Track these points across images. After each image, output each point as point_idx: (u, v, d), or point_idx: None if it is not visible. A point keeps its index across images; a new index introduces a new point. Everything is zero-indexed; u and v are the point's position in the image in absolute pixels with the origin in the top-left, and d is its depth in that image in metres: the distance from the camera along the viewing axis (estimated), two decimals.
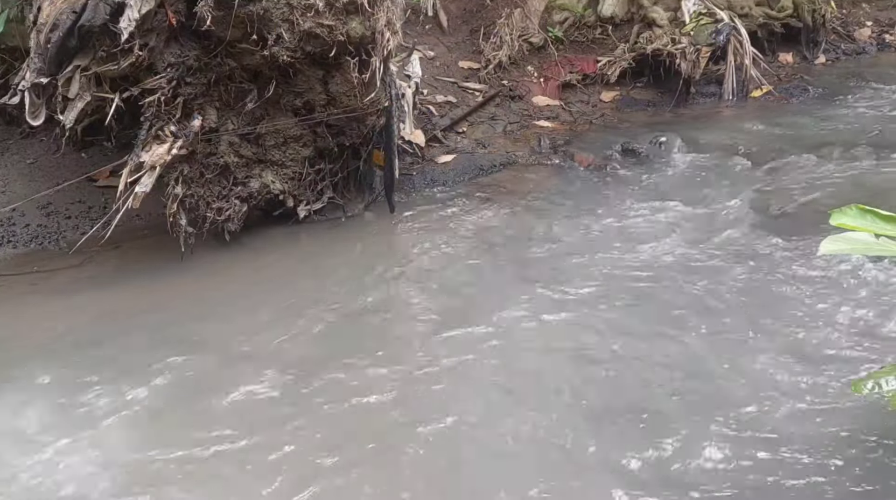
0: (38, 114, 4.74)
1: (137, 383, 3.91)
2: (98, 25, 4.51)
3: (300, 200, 5.60)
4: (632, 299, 4.50)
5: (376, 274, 4.98)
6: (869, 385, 3.07)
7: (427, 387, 3.84)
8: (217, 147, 5.15)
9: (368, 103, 5.35)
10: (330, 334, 4.34)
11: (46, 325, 4.51)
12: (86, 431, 3.59)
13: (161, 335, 4.35)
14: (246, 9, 4.70)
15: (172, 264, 5.06)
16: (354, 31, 5.00)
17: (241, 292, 4.85)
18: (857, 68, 9.01)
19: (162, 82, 4.79)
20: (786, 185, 6.02)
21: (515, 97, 7.81)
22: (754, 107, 8.01)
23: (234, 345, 4.24)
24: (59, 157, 5.93)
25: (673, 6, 8.30)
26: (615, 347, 4.07)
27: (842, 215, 2.80)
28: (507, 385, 3.83)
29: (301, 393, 3.83)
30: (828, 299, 4.33)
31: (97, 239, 5.02)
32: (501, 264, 5.03)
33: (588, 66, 8.25)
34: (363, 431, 3.56)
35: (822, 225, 3.14)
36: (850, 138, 6.82)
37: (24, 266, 5.20)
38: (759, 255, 4.90)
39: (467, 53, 8.15)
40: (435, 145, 6.89)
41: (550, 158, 6.87)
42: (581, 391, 3.75)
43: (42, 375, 4.00)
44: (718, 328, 4.16)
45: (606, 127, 7.62)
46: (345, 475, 3.30)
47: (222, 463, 3.40)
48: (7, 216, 5.56)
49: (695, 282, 4.63)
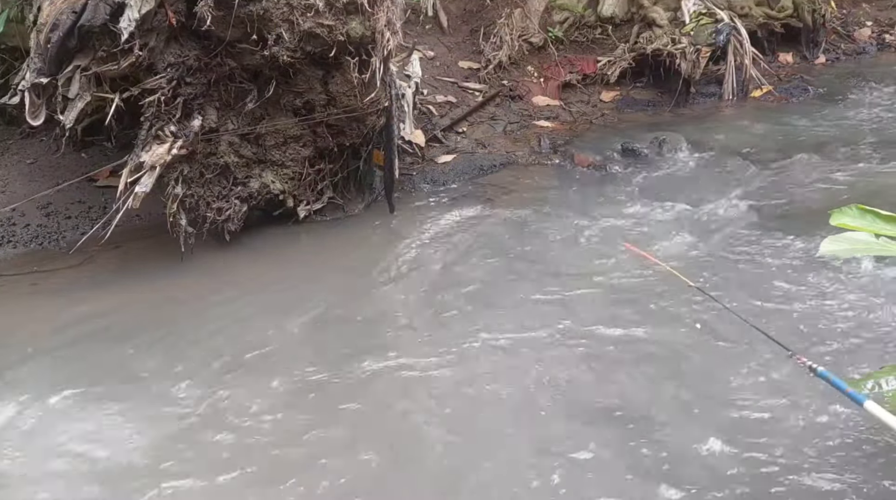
0: (38, 114, 4.74)
1: (137, 384, 3.91)
2: (98, 25, 4.52)
3: (300, 200, 5.60)
4: (631, 299, 4.50)
5: (376, 274, 4.98)
6: (869, 385, 3.07)
7: (428, 387, 3.84)
8: (217, 147, 5.15)
9: (368, 103, 5.35)
10: (330, 334, 4.34)
11: (46, 325, 4.51)
12: (85, 432, 3.59)
13: (161, 335, 4.35)
14: (246, 9, 4.70)
15: (172, 264, 5.06)
16: (354, 31, 5.00)
17: (240, 292, 4.84)
18: (857, 68, 9.01)
19: (162, 82, 4.79)
20: (786, 185, 6.02)
21: (515, 97, 7.82)
22: (754, 107, 8.01)
23: (234, 345, 4.24)
24: (59, 157, 5.93)
25: (673, 6, 8.30)
26: (615, 346, 4.07)
27: (842, 215, 2.80)
28: (508, 386, 3.83)
29: (301, 394, 3.83)
30: (828, 299, 4.33)
31: (97, 239, 5.02)
32: (501, 264, 5.03)
33: (588, 66, 8.25)
34: (364, 432, 3.57)
35: (822, 225, 3.14)
36: (850, 138, 6.82)
37: (24, 266, 5.20)
38: (759, 254, 4.90)
39: (467, 53, 8.15)
40: (435, 145, 6.89)
41: (550, 158, 6.87)
42: (582, 391, 3.75)
43: (42, 375, 4.00)
44: (718, 328, 4.15)
45: (606, 127, 7.62)
46: (351, 473, 3.30)
47: (222, 463, 3.40)
48: (7, 216, 5.56)
49: (693, 281, 4.62)
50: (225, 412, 3.71)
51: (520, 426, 3.55)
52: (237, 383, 3.91)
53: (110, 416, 3.69)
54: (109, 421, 3.66)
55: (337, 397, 3.78)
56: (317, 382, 3.91)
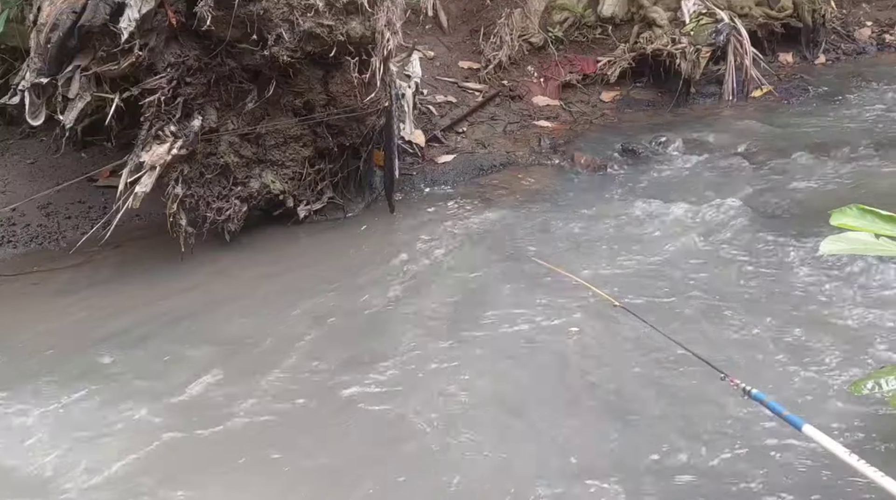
0: (38, 114, 4.75)
1: (137, 384, 3.91)
2: (98, 25, 4.52)
3: (300, 200, 5.60)
4: (631, 298, 4.49)
5: (376, 274, 4.98)
6: (869, 385, 3.07)
7: (428, 388, 3.84)
8: (217, 147, 5.15)
9: (368, 103, 5.36)
10: (329, 335, 4.34)
11: (46, 325, 4.51)
12: (84, 433, 3.58)
13: (161, 335, 4.35)
14: (246, 9, 4.70)
15: (172, 264, 5.06)
16: (354, 31, 5.01)
17: (240, 292, 4.85)
18: (857, 68, 9.00)
19: (162, 82, 4.79)
20: (786, 185, 6.02)
21: (515, 97, 7.81)
22: (754, 107, 8.01)
23: (234, 345, 4.24)
24: (59, 157, 5.93)
25: (673, 6, 8.30)
26: (615, 346, 4.07)
27: (842, 215, 2.80)
28: (509, 386, 3.83)
29: (300, 394, 3.83)
30: (827, 299, 4.33)
31: (97, 239, 5.03)
32: (501, 264, 5.03)
33: (588, 66, 8.25)
34: (366, 433, 3.57)
35: (822, 225, 3.13)
36: (850, 138, 6.81)
37: (24, 266, 5.20)
38: (759, 254, 4.90)
39: (467, 53, 8.15)
40: (435, 145, 6.89)
41: (550, 158, 6.86)
42: (583, 389, 3.75)
43: (41, 374, 4.00)
44: (718, 327, 4.16)
45: (606, 127, 7.62)
46: (351, 473, 3.30)
47: (222, 465, 3.40)
48: (7, 216, 5.56)
49: (694, 282, 4.63)
50: (224, 412, 3.70)
51: (529, 422, 3.56)
52: (237, 382, 3.90)
53: (109, 417, 3.69)
54: (107, 423, 3.65)
55: (337, 397, 3.78)
56: (316, 381, 3.90)
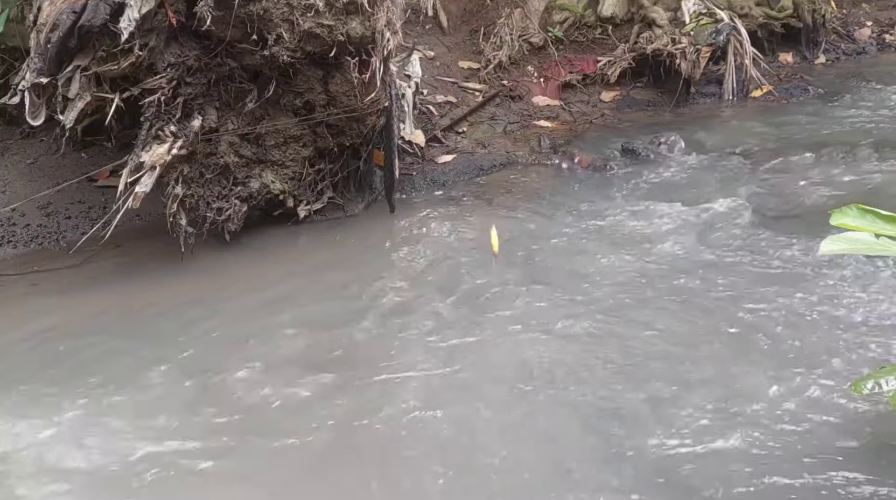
0: (38, 114, 4.75)
1: (137, 385, 3.91)
2: (98, 25, 4.51)
3: (300, 200, 5.60)
4: (631, 298, 4.50)
5: (376, 274, 4.97)
6: (869, 385, 3.08)
7: (427, 387, 3.84)
8: (217, 147, 5.15)
9: (368, 103, 5.35)
10: (329, 334, 4.33)
11: (46, 325, 4.50)
12: (84, 435, 3.58)
13: (161, 335, 4.35)
14: (246, 9, 4.70)
15: (172, 264, 5.06)
16: (354, 31, 5.00)
17: (241, 293, 4.85)
18: (857, 68, 9.01)
19: (162, 82, 4.79)
20: (786, 185, 6.02)
21: (515, 97, 7.81)
22: (754, 107, 8.01)
23: (234, 344, 4.24)
24: (59, 157, 5.92)
25: (673, 6, 8.30)
26: (615, 346, 4.07)
27: (842, 215, 2.81)
28: (510, 386, 3.83)
29: (300, 394, 3.83)
30: (828, 299, 4.33)
31: (97, 239, 5.02)
32: (502, 265, 5.02)
33: (588, 66, 8.25)
34: (364, 433, 3.56)
35: (822, 225, 3.14)
36: (850, 138, 6.81)
37: (24, 266, 5.20)
38: (759, 254, 4.90)
39: (467, 53, 8.15)
40: (435, 145, 6.89)
41: (550, 158, 6.86)
42: (584, 389, 3.75)
43: (41, 375, 4.00)
44: (718, 327, 4.16)
45: (606, 127, 7.62)
46: (351, 475, 3.30)
47: (221, 466, 3.40)
48: (7, 216, 5.56)
49: (694, 282, 4.63)
50: (225, 413, 3.70)
51: (532, 421, 3.56)
52: (237, 382, 3.90)
53: (107, 418, 3.69)
54: (106, 424, 3.65)
55: (336, 397, 3.78)
56: (316, 381, 3.90)
